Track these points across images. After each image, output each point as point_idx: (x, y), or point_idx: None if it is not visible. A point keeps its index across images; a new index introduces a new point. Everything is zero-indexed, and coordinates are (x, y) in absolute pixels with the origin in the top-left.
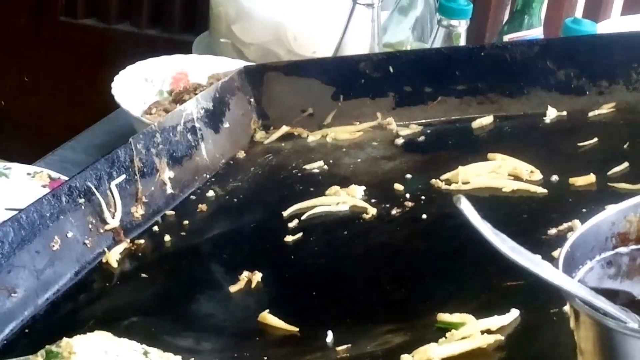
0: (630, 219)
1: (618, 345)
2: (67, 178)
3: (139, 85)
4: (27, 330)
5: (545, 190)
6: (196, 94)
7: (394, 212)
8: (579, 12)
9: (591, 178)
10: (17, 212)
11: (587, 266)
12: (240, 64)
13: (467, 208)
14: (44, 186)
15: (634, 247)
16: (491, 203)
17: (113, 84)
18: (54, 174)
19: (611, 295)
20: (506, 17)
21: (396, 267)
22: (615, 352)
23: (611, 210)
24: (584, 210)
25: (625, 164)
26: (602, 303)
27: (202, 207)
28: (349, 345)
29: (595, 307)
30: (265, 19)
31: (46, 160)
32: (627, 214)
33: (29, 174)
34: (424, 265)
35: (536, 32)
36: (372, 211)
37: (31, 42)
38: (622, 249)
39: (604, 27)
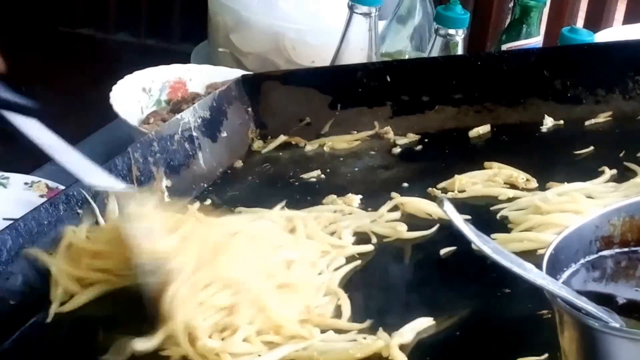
0: (613, 223)
1: (600, 344)
2: (64, 187)
3: (137, 95)
4: (25, 338)
5: None
6: (194, 104)
7: None
8: (580, 22)
9: None
10: (14, 221)
11: (572, 269)
12: (238, 73)
13: (450, 210)
14: (41, 196)
15: (618, 250)
16: (487, 211)
17: (111, 94)
18: (52, 184)
19: (595, 297)
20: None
21: (392, 274)
22: (597, 351)
23: (595, 214)
24: None
25: None
26: (584, 304)
27: None
28: None
29: (577, 308)
30: (263, 28)
31: (44, 169)
32: (610, 217)
33: (26, 183)
34: (419, 274)
35: (535, 42)
36: None
37: (29, 52)
38: (606, 252)
39: (602, 37)
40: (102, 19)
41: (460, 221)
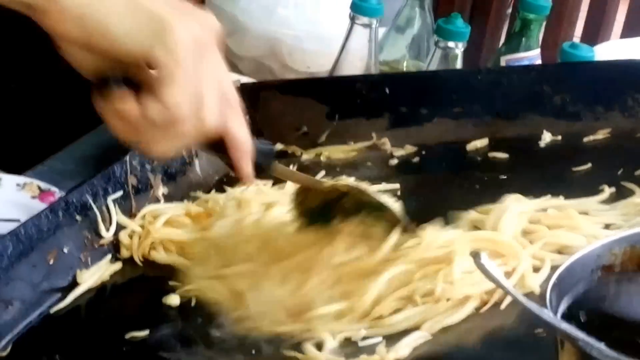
0: (615, 252)
1: None
2: (56, 189)
3: None
4: (23, 343)
5: None
6: None
7: None
8: (577, 34)
9: None
10: (13, 225)
11: (573, 297)
12: (233, 77)
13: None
14: (33, 197)
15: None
16: None
17: None
18: (44, 185)
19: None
20: (503, 37)
21: None
22: None
23: (597, 244)
24: None
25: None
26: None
27: None
28: None
29: (577, 336)
30: (260, 33)
31: (36, 170)
32: (612, 247)
33: (18, 184)
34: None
35: (533, 54)
36: None
37: (19, 51)
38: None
39: (601, 50)
40: None
41: (500, 276)
